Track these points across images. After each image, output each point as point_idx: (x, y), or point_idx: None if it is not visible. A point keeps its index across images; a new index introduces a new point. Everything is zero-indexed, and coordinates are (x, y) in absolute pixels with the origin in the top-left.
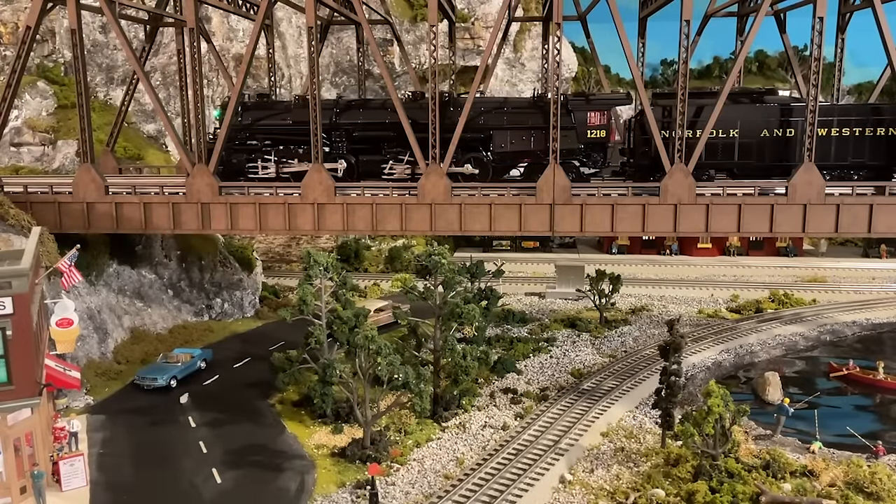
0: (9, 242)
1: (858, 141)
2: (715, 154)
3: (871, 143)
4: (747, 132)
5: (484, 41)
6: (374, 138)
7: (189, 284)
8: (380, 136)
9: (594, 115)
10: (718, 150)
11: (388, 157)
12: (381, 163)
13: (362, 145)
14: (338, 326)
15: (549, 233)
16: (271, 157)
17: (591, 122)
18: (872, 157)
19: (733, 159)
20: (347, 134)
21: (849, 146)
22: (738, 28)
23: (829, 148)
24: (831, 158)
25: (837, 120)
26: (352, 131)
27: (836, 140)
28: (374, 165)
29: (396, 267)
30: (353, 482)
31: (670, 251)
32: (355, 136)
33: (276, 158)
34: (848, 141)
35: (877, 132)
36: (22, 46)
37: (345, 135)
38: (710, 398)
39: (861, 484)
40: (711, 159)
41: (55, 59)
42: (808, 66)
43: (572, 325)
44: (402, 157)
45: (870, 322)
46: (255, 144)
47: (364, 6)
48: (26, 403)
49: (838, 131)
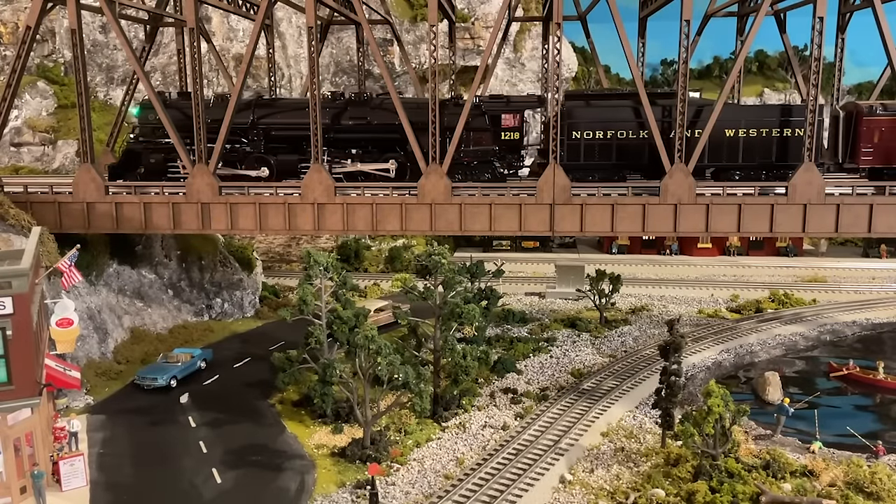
0: (9, 242)
1: (766, 142)
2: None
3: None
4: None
5: (484, 41)
6: (293, 138)
7: (189, 284)
8: (298, 136)
9: (508, 117)
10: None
11: (307, 156)
12: (300, 162)
13: (280, 145)
14: (338, 326)
15: (549, 233)
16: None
17: (506, 123)
18: (779, 157)
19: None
20: (265, 133)
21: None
22: (738, 28)
23: (738, 149)
24: (740, 159)
25: (745, 121)
26: (269, 131)
27: (744, 141)
28: (292, 165)
29: (396, 267)
30: (353, 482)
31: (670, 251)
32: (273, 135)
33: None
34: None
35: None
36: (22, 46)
37: (262, 134)
38: (710, 398)
39: (861, 484)
40: (622, 160)
41: (55, 59)
42: (808, 66)
43: (572, 325)
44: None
45: (870, 322)
46: None
47: (364, 6)
48: (26, 403)
49: (746, 132)
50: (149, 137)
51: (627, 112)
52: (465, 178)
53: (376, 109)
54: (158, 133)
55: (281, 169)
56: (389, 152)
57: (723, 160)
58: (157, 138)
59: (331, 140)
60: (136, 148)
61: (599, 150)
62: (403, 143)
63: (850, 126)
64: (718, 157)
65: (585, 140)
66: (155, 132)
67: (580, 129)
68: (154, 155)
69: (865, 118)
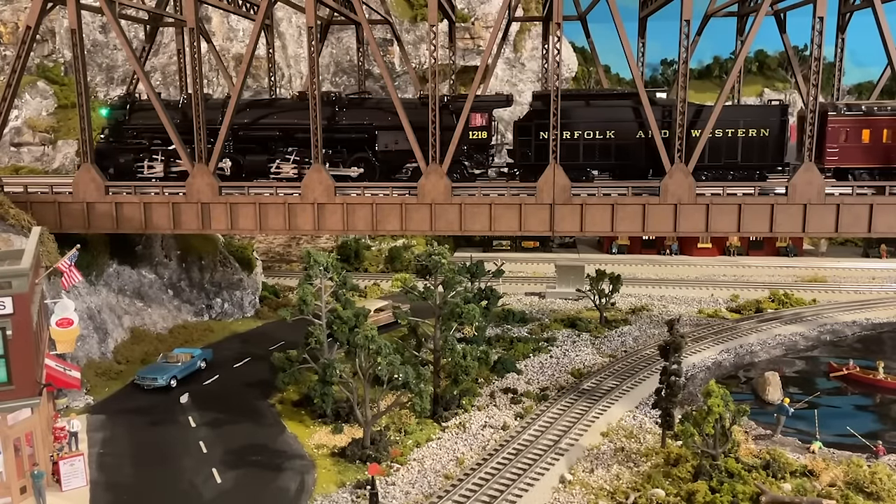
0: (9, 242)
1: (731, 142)
2: (593, 155)
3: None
4: (624, 133)
5: (484, 41)
6: (261, 138)
7: (189, 284)
8: (266, 136)
9: (475, 116)
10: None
11: (275, 156)
12: (269, 162)
13: (249, 144)
14: (338, 326)
15: (549, 233)
16: (158, 156)
17: (473, 123)
18: (745, 158)
19: (611, 160)
20: (234, 133)
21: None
22: (738, 28)
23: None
24: (706, 159)
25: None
26: (238, 131)
27: (709, 141)
28: (261, 165)
29: (396, 267)
30: (353, 482)
31: (670, 251)
32: (241, 135)
33: (163, 158)
34: (721, 142)
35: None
36: (22, 46)
37: (231, 134)
38: (710, 398)
39: (861, 484)
40: (589, 160)
41: (55, 59)
42: (808, 66)
43: (572, 325)
44: (288, 157)
45: (870, 322)
46: (143, 144)
47: (364, 6)
48: (26, 403)
49: (712, 132)
50: (118, 138)
51: (593, 112)
52: None
53: (344, 110)
54: (127, 134)
55: (250, 169)
56: (358, 152)
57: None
58: (125, 139)
59: (301, 140)
60: (104, 148)
61: (566, 150)
62: (372, 143)
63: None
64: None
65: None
66: (124, 133)
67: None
68: (123, 155)
69: (831, 118)
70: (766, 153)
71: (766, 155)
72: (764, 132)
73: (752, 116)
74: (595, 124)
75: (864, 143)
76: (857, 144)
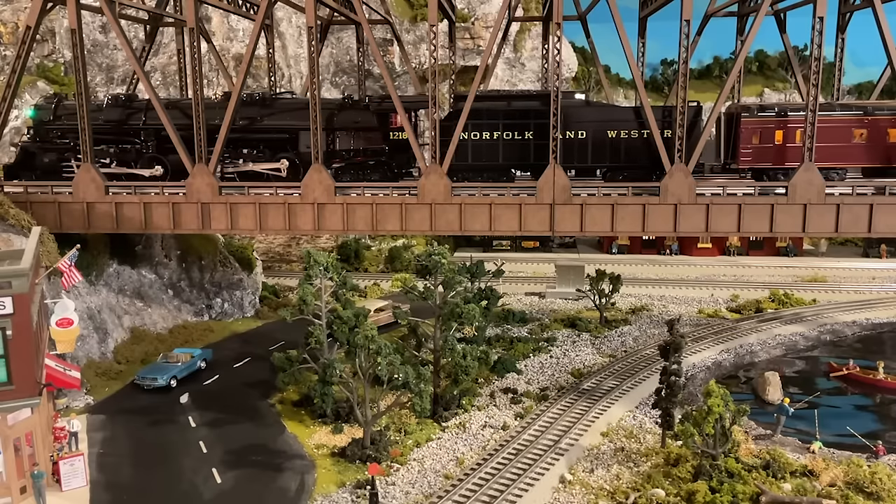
0: (9, 242)
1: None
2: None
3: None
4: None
5: (484, 41)
6: (185, 139)
7: (189, 284)
8: (191, 137)
9: (397, 116)
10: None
11: None
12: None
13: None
14: (338, 326)
15: (549, 233)
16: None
17: (394, 123)
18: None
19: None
20: (156, 134)
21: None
22: (738, 28)
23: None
24: (621, 160)
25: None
26: (161, 132)
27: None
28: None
29: (396, 267)
30: (353, 482)
31: (670, 251)
32: (164, 135)
33: None
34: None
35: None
36: (22, 46)
37: (154, 135)
38: (710, 398)
39: (861, 484)
40: (509, 160)
41: (55, 59)
42: (808, 66)
43: (572, 325)
44: None
45: (870, 322)
46: (69, 144)
47: (364, 6)
48: (26, 403)
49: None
50: (44, 138)
51: (511, 113)
52: (355, 177)
53: (267, 110)
54: (52, 134)
55: (175, 168)
56: (281, 152)
57: (606, 161)
58: (51, 139)
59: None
60: (30, 148)
61: (487, 150)
62: (294, 143)
63: (731, 127)
64: (602, 158)
65: (473, 140)
66: (49, 133)
67: (468, 130)
68: (49, 155)
69: (745, 119)
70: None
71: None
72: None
73: (667, 117)
74: (511, 124)
75: (777, 144)
76: (770, 145)
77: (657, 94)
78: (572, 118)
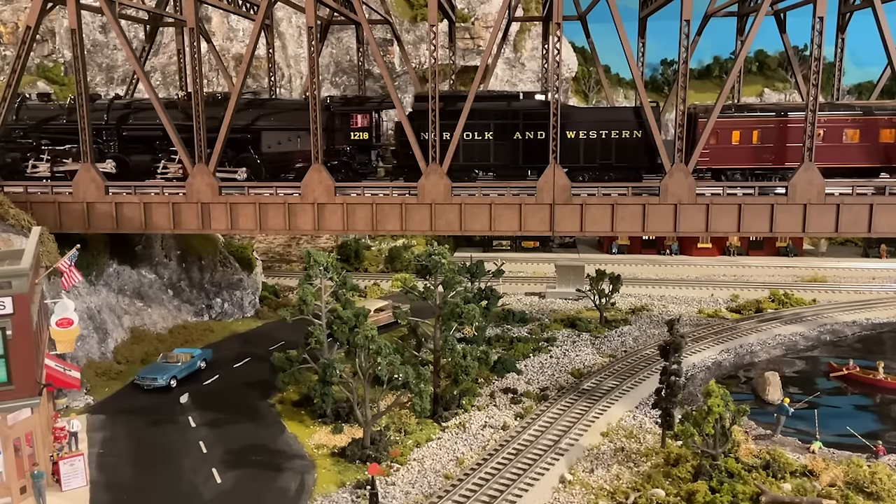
0: (9, 242)
1: (605, 143)
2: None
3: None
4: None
5: (484, 41)
6: (146, 138)
7: (189, 284)
8: (151, 136)
9: (357, 117)
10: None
11: (160, 156)
12: (154, 161)
13: (134, 145)
14: (338, 326)
15: (549, 233)
16: (44, 156)
17: (355, 124)
18: (619, 160)
19: (489, 160)
20: (118, 134)
21: (596, 149)
22: (738, 28)
23: (579, 151)
24: (581, 160)
25: (585, 123)
26: (122, 131)
27: (584, 143)
28: (147, 164)
29: (396, 267)
30: (353, 482)
31: (670, 251)
32: (125, 135)
33: (49, 157)
34: (595, 144)
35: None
36: (22, 46)
37: (115, 134)
38: (710, 398)
39: (861, 484)
40: (470, 160)
41: (55, 59)
42: (808, 66)
43: (572, 325)
44: (174, 157)
45: (870, 322)
46: (31, 143)
47: (364, 6)
48: (26, 403)
49: (586, 134)
50: (7, 138)
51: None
52: None
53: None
54: (15, 134)
55: (136, 168)
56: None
57: (566, 161)
58: (14, 139)
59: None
60: None
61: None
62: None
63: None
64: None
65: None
66: (10, 133)
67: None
68: (11, 154)
69: (701, 120)
70: (639, 155)
71: (638, 156)
72: (637, 134)
73: (625, 118)
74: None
75: (734, 145)
76: (727, 146)
77: (657, 94)
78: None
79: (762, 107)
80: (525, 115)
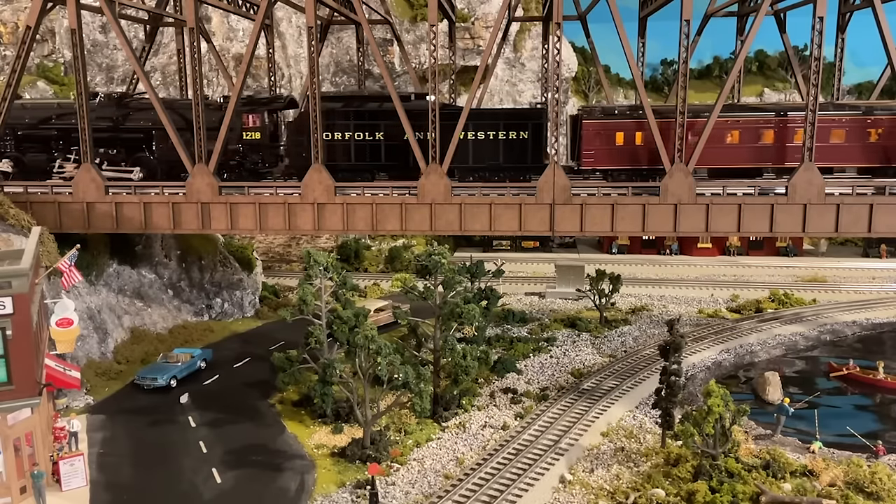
0: (9, 242)
1: (493, 144)
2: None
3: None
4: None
5: (484, 41)
6: (41, 137)
7: (189, 284)
8: (46, 136)
9: (249, 117)
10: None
11: (56, 155)
12: (50, 161)
13: (29, 144)
14: (338, 326)
15: (549, 233)
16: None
17: (247, 123)
18: (507, 160)
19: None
20: (13, 133)
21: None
22: (738, 28)
23: (468, 151)
24: (470, 161)
25: (474, 124)
26: (17, 130)
27: (472, 143)
28: (43, 163)
29: (396, 267)
30: (353, 482)
31: (670, 251)
32: (20, 135)
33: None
34: (484, 144)
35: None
36: (22, 46)
37: (10, 134)
38: (710, 398)
39: (861, 484)
40: (361, 160)
41: (55, 59)
42: (808, 66)
43: (572, 325)
44: (70, 156)
45: (870, 322)
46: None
47: (364, 6)
48: (26, 403)
49: (475, 135)
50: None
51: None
52: None
53: (123, 110)
54: None
55: (32, 167)
56: (136, 153)
57: (457, 161)
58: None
59: None
60: None
61: (355, 151)
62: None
63: (577, 129)
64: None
65: (340, 141)
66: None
67: (333, 130)
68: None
69: (585, 122)
70: (526, 155)
71: (525, 157)
72: (523, 135)
73: (512, 119)
74: (363, 125)
75: (618, 146)
76: (611, 147)
77: (657, 94)
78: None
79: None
80: (414, 116)
